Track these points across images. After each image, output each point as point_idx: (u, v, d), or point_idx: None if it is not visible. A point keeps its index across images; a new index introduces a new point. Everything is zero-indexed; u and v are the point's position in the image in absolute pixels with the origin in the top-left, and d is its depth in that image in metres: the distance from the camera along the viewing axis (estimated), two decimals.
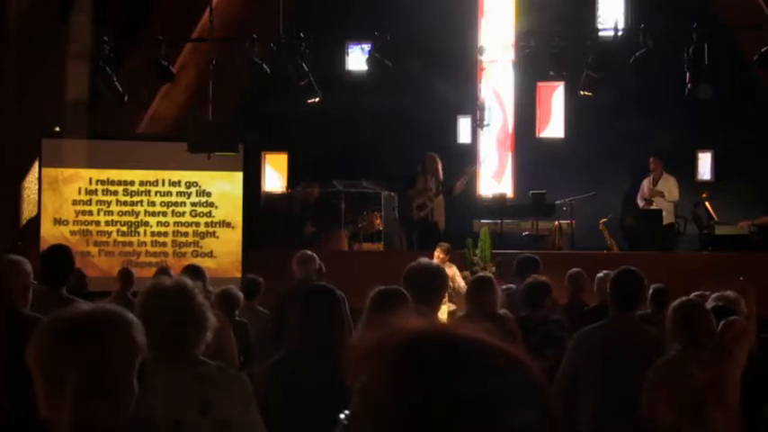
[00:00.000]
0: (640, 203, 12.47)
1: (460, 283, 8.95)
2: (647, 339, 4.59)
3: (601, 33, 12.13)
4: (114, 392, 1.92)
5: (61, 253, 4.85)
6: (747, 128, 13.02)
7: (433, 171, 11.99)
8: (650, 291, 6.15)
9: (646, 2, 13.42)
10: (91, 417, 1.89)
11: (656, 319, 5.67)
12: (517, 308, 5.95)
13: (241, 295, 6.49)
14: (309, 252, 6.86)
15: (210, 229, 10.96)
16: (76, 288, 6.87)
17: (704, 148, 13.94)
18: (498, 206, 12.54)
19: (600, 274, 6.83)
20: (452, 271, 8.95)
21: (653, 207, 12.16)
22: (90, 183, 10.82)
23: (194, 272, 5.66)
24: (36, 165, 10.95)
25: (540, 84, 13.98)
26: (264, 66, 10.58)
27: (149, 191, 10.90)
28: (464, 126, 14.05)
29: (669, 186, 12.16)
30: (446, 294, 5.30)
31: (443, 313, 8.70)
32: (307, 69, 10.57)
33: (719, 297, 4.88)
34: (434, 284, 4.39)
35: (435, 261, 8.82)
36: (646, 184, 12.45)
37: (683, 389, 3.92)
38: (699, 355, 3.96)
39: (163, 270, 7.00)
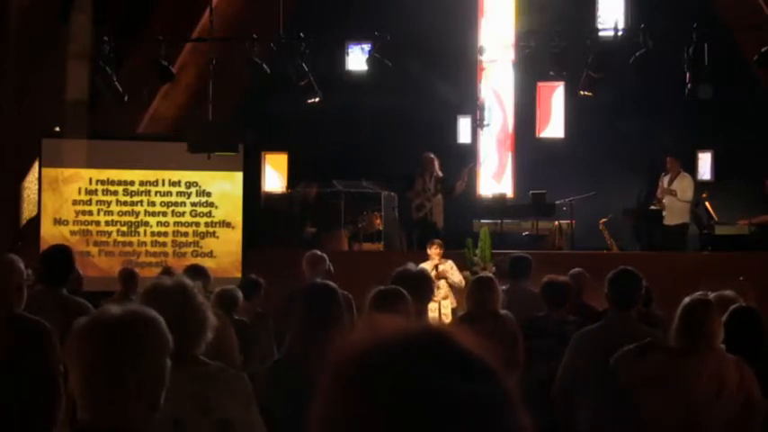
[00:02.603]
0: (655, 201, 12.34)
1: (459, 277, 9.03)
2: (646, 339, 4.58)
3: (601, 33, 12.13)
4: (151, 393, 1.93)
5: (61, 253, 4.85)
6: (747, 128, 13.02)
7: (431, 171, 11.98)
8: None
9: (646, 2, 13.42)
10: (126, 419, 1.89)
11: (647, 319, 5.67)
12: (511, 308, 5.92)
13: (240, 295, 6.49)
14: (319, 252, 6.87)
15: (210, 229, 10.96)
16: (73, 288, 6.86)
17: (704, 148, 13.94)
18: (498, 206, 12.54)
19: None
20: (447, 266, 9.05)
21: (664, 205, 12.00)
22: (90, 183, 10.82)
23: (196, 272, 5.66)
24: (36, 165, 10.95)
25: (540, 84, 13.98)
26: (264, 66, 10.57)
27: (149, 191, 10.90)
28: (464, 126, 14.06)
29: (683, 186, 11.90)
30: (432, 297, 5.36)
31: (446, 308, 8.79)
32: (307, 69, 10.56)
33: (719, 297, 4.85)
34: (422, 289, 4.45)
35: (432, 258, 8.99)
36: (661, 182, 12.32)
37: (685, 389, 3.91)
38: (702, 356, 3.93)
39: (166, 271, 7.00)
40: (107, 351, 1.92)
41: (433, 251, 9.12)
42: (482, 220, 12.17)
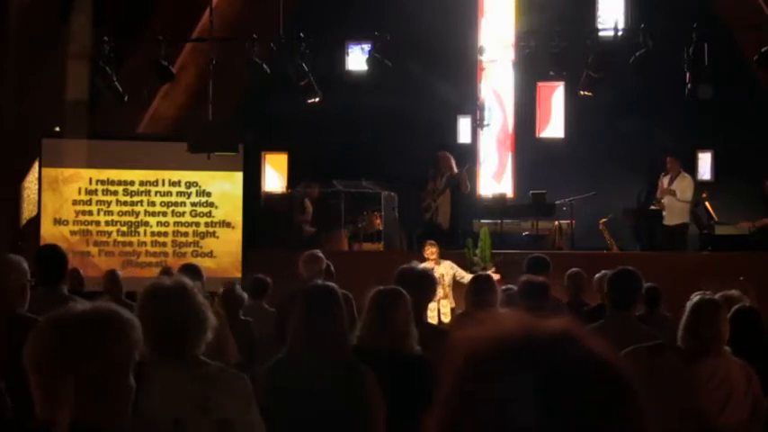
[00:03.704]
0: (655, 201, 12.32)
1: (462, 273, 9.07)
2: (646, 338, 4.58)
3: (601, 33, 12.13)
4: (110, 392, 1.92)
5: (54, 252, 4.85)
6: (747, 128, 13.02)
7: (442, 170, 11.97)
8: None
9: (646, 2, 13.42)
10: (86, 417, 1.89)
11: (649, 319, 5.66)
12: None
13: (245, 295, 6.50)
14: (317, 252, 6.88)
15: (210, 229, 10.96)
16: (74, 288, 6.88)
17: (704, 148, 13.94)
18: (498, 206, 12.53)
19: (598, 275, 6.81)
20: (447, 266, 9.11)
21: (663, 205, 11.98)
22: (90, 183, 10.82)
23: (193, 271, 5.66)
24: (36, 165, 10.95)
25: (540, 84, 13.98)
26: (264, 66, 10.57)
27: (149, 191, 10.90)
28: (464, 126, 14.06)
29: (683, 186, 11.87)
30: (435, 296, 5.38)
31: (445, 308, 8.81)
32: (307, 69, 10.57)
33: (724, 297, 4.84)
34: (424, 288, 4.46)
35: (428, 258, 9.02)
36: (660, 182, 12.26)
37: (689, 392, 3.90)
38: (712, 359, 3.92)
39: (166, 271, 7.01)
40: (69, 348, 1.91)
41: (428, 252, 9.17)
42: (482, 220, 12.17)
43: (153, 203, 10.90)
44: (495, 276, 8.02)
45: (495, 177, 14.48)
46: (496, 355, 0.96)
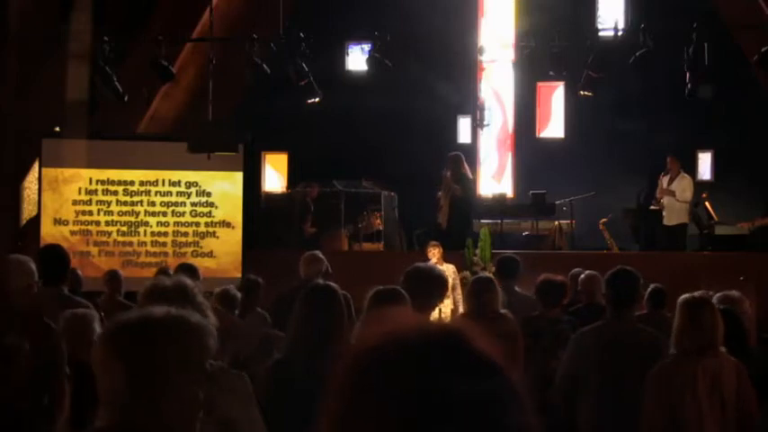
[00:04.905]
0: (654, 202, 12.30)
1: (459, 293, 8.90)
2: (646, 338, 4.59)
3: (601, 33, 12.15)
4: (172, 400, 1.89)
5: (57, 253, 4.86)
6: (747, 128, 13.04)
7: (451, 170, 11.91)
8: (648, 291, 6.13)
9: (646, 2, 13.43)
10: (132, 421, 1.87)
11: (653, 320, 5.66)
12: (513, 308, 5.89)
13: (239, 295, 6.50)
14: (318, 253, 6.87)
15: (210, 229, 10.96)
16: (72, 288, 6.87)
17: (704, 148, 13.95)
18: (498, 206, 12.54)
19: (582, 276, 6.80)
20: (449, 268, 9.07)
21: (663, 205, 11.97)
22: (90, 183, 10.82)
23: (190, 271, 5.66)
24: (36, 165, 10.95)
25: (540, 84, 14.00)
26: (264, 66, 10.58)
27: (149, 191, 10.90)
28: (464, 126, 14.07)
29: (683, 186, 11.80)
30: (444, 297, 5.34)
31: (446, 307, 8.77)
32: (307, 69, 10.57)
33: (723, 298, 4.84)
34: (435, 288, 4.44)
35: (431, 259, 8.98)
36: (660, 182, 12.22)
37: (683, 393, 3.91)
38: (701, 357, 3.92)
39: (163, 270, 7.01)
40: (133, 352, 1.88)
41: (431, 252, 9.13)
42: (482, 220, 12.16)
43: (153, 203, 10.90)
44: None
45: (495, 177, 14.49)
46: (383, 356, 0.98)
